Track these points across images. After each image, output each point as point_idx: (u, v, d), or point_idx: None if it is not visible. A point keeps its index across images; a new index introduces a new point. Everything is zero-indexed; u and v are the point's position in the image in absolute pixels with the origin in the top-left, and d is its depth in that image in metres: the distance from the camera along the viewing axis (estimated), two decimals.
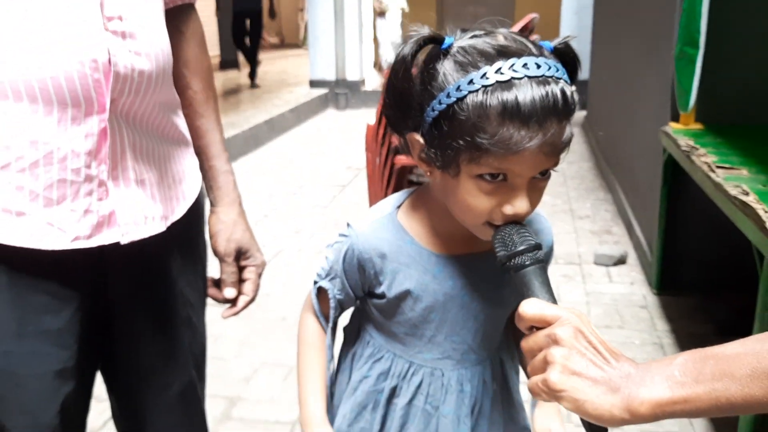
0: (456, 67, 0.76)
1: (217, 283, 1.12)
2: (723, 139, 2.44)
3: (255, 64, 8.49)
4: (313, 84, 8.35)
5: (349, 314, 1.07)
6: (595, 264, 3.28)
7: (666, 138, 2.65)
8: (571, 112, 0.74)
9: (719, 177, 1.96)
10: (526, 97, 0.71)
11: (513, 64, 0.72)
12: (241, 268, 1.12)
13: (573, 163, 5.20)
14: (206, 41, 1.14)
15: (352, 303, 1.01)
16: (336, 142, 6.40)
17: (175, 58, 1.01)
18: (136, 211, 0.93)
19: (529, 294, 0.74)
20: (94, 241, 0.90)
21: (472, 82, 0.73)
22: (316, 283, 0.99)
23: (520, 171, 0.76)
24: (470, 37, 0.78)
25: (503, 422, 1.03)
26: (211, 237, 1.11)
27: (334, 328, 1.01)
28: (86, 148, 0.86)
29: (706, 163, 2.12)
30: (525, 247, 0.76)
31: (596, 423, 0.64)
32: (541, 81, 0.72)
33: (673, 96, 2.70)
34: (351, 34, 8.22)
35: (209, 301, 1.15)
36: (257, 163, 5.53)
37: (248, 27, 8.32)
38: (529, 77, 0.72)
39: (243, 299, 1.12)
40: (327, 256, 0.98)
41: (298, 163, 5.54)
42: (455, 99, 0.74)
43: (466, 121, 0.74)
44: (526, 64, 0.73)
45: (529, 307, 0.69)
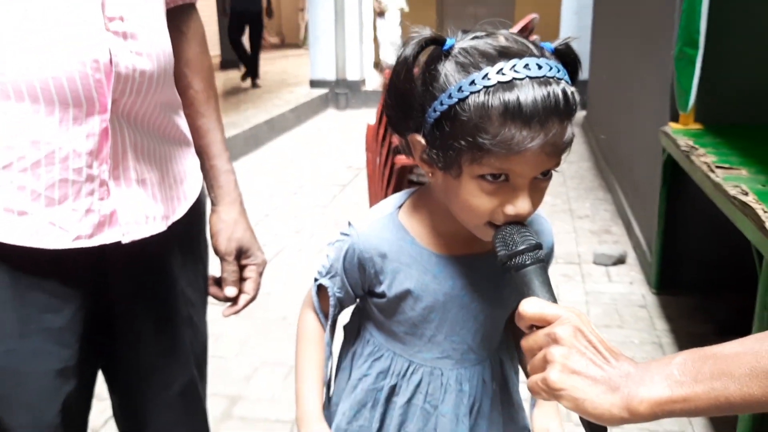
0: (457, 68, 0.76)
1: (218, 282, 1.13)
2: (722, 139, 2.44)
3: (256, 65, 8.49)
4: (314, 84, 8.33)
5: (349, 313, 1.07)
6: (594, 264, 3.28)
7: (665, 138, 2.65)
8: (572, 113, 0.75)
9: (718, 177, 1.96)
10: (528, 97, 0.71)
11: (514, 65, 0.73)
12: (242, 267, 1.12)
13: (572, 163, 5.20)
14: (207, 41, 1.14)
15: (352, 301, 1.01)
16: (336, 142, 6.40)
17: (176, 57, 1.02)
18: (137, 211, 0.93)
19: (530, 293, 0.74)
20: (96, 241, 0.90)
21: (473, 83, 0.73)
22: (316, 280, 0.99)
23: (522, 171, 0.76)
24: (471, 38, 0.78)
25: (502, 422, 1.03)
26: (212, 236, 1.11)
27: (334, 326, 1.02)
28: (88, 148, 0.86)
29: (706, 163, 2.12)
30: (526, 246, 0.76)
31: (596, 422, 0.64)
32: (542, 81, 0.72)
33: (673, 96, 2.70)
34: (351, 34, 8.21)
35: (210, 300, 1.16)
36: (258, 163, 5.53)
37: (247, 28, 8.31)
38: (531, 78, 0.72)
39: (244, 298, 1.12)
40: (328, 254, 0.98)
41: (299, 163, 5.53)
42: (457, 100, 0.74)
43: (467, 122, 0.74)
44: (527, 65, 0.73)
45: (529, 306, 0.70)
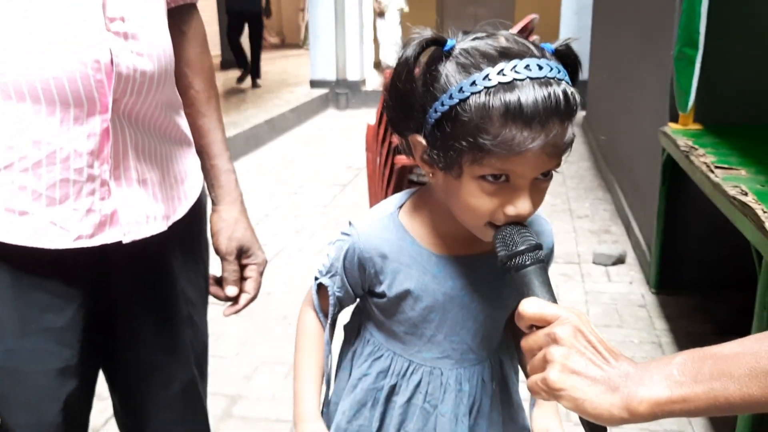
0: (458, 69, 0.76)
1: (219, 282, 1.13)
2: (722, 139, 2.44)
3: (258, 65, 8.48)
4: (314, 84, 8.32)
5: (350, 312, 1.07)
6: (594, 263, 3.28)
7: (665, 138, 2.65)
8: (573, 113, 0.75)
9: (718, 177, 1.96)
10: (529, 98, 0.71)
11: (515, 66, 0.73)
12: (242, 267, 1.12)
13: (572, 163, 5.20)
14: (208, 41, 1.14)
15: (352, 301, 1.02)
16: (336, 142, 6.40)
17: (177, 57, 1.02)
18: (138, 211, 0.93)
19: (530, 293, 0.74)
20: (97, 240, 0.90)
21: (474, 84, 0.73)
22: (316, 279, 1.00)
23: (523, 172, 0.76)
24: (472, 39, 0.78)
25: (502, 422, 1.03)
26: (212, 235, 1.11)
27: (333, 325, 1.02)
28: (89, 148, 0.87)
29: (705, 163, 2.12)
30: (526, 246, 0.76)
31: (595, 422, 0.64)
32: (543, 82, 0.72)
33: (672, 96, 2.70)
34: (351, 34, 8.20)
35: (210, 300, 1.16)
36: (258, 163, 5.53)
37: (247, 28, 8.30)
38: (531, 78, 0.72)
39: (245, 297, 1.12)
40: (328, 254, 0.98)
41: (299, 163, 5.53)
42: (458, 100, 0.74)
43: (468, 123, 0.74)
44: (528, 66, 0.73)
45: (529, 306, 0.70)
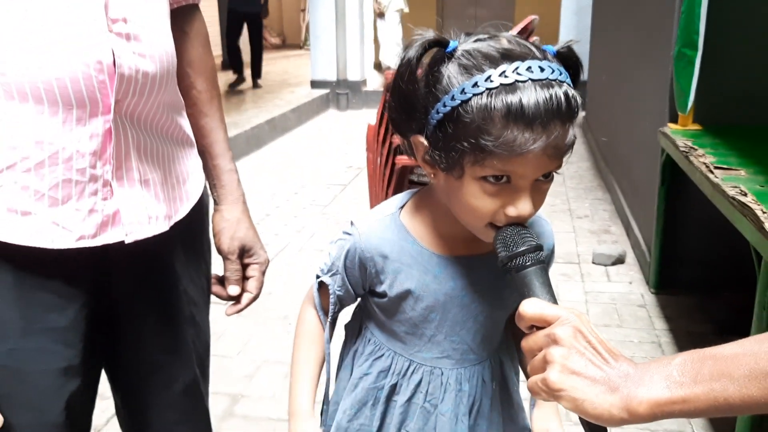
0: (460, 71, 0.76)
1: (221, 281, 1.13)
2: (721, 139, 2.44)
3: (259, 66, 8.47)
4: (315, 84, 8.31)
5: (351, 312, 1.08)
6: (593, 263, 3.29)
7: (664, 139, 2.66)
8: (574, 115, 0.75)
9: (717, 177, 1.96)
10: (530, 99, 0.72)
11: (517, 68, 0.73)
12: (244, 266, 1.13)
13: (572, 163, 5.20)
14: (210, 41, 1.15)
15: (352, 300, 1.02)
16: (337, 142, 6.40)
17: (179, 58, 1.02)
18: (140, 211, 0.93)
19: (530, 294, 0.74)
20: (99, 240, 0.90)
21: (476, 85, 0.74)
22: (318, 277, 1.00)
23: (524, 173, 0.76)
24: (474, 41, 0.78)
25: (502, 422, 1.03)
26: (214, 235, 1.11)
27: (333, 324, 1.02)
28: (91, 149, 0.87)
29: (705, 163, 2.12)
30: (526, 247, 0.76)
31: (595, 422, 0.64)
32: (544, 84, 0.73)
33: (672, 97, 2.71)
34: (352, 35, 8.19)
35: (211, 299, 1.16)
36: (259, 163, 5.53)
37: (246, 29, 8.29)
38: (533, 80, 0.73)
39: (247, 296, 1.12)
40: (330, 252, 0.99)
41: (300, 163, 5.53)
42: (460, 102, 0.75)
43: (470, 124, 0.74)
44: (530, 68, 0.73)
45: (529, 307, 0.70)
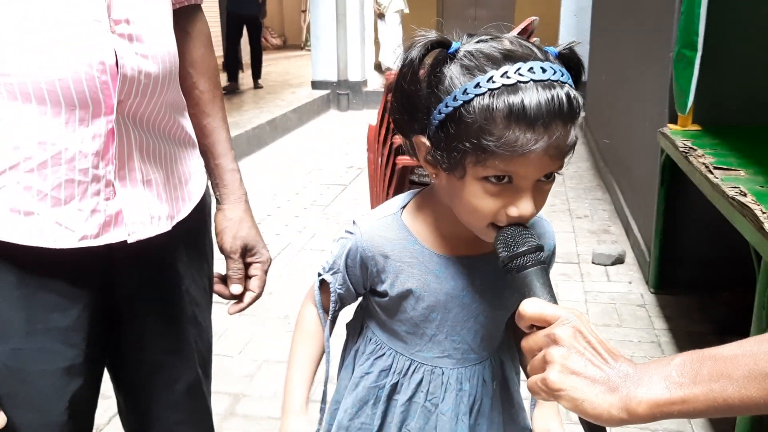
0: (463, 71, 0.76)
1: (224, 280, 1.13)
2: (720, 140, 2.44)
3: (259, 67, 8.47)
4: (315, 85, 8.31)
5: (352, 311, 1.08)
6: (593, 263, 3.29)
7: (664, 139, 2.66)
8: (576, 116, 0.75)
9: (717, 178, 1.96)
10: (532, 100, 0.72)
11: (519, 68, 0.73)
12: (247, 265, 1.13)
13: (571, 164, 5.14)
14: (212, 41, 1.15)
15: (353, 299, 1.02)
16: (338, 142, 6.40)
17: (181, 58, 1.02)
18: (143, 211, 0.94)
19: (530, 294, 0.74)
20: (101, 240, 0.90)
21: (478, 86, 0.74)
22: (319, 275, 1.00)
23: (526, 173, 0.76)
24: (476, 42, 0.79)
25: (503, 422, 1.04)
26: (217, 234, 1.12)
27: (333, 322, 1.02)
28: (94, 149, 0.87)
29: (704, 164, 2.12)
30: (527, 248, 0.76)
31: (594, 422, 0.64)
32: (546, 85, 0.73)
33: (671, 97, 2.71)
34: (353, 36, 8.19)
35: (213, 299, 1.17)
36: (260, 163, 5.53)
37: (246, 31, 8.28)
38: (535, 81, 0.73)
39: (249, 295, 1.13)
40: (332, 251, 0.99)
41: (301, 163, 5.54)
42: (462, 102, 0.75)
43: (472, 124, 0.75)
44: (532, 68, 0.73)
45: (530, 306, 0.70)
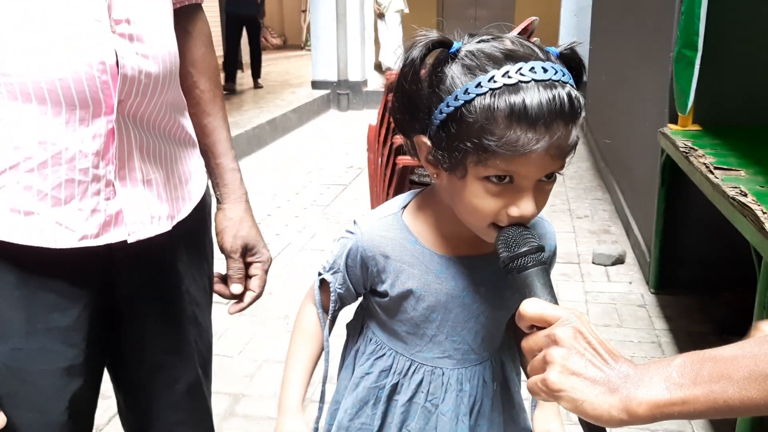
0: (464, 71, 0.76)
1: (224, 279, 1.13)
2: (721, 140, 2.45)
3: (258, 67, 8.47)
4: (315, 85, 8.31)
5: (352, 311, 1.08)
6: (593, 263, 3.29)
7: (664, 139, 2.66)
8: (577, 116, 0.75)
9: (717, 178, 1.96)
10: (534, 100, 0.72)
11: (520, 68, 0.73)
12: (247, 264, 1.13)
13: (572, 163, 5.14)
14: (212, 41, 1.15)
15: (353, 299, 1.02)
16: (338, 142, 6.41)
17: (181, 57, 1.02)
18: (143, 211, 0.94)
19: (531, 295, 0.74)
20: (102, 240, 0.90)
21: (480, 85, 0.74)
22: (320, 274, 1.00)
23: (527, 173, 0.76)
24: (477, 42, 0.79)
25: (503, 422, 1.04)
26: (217, 234, 1.12)
27: (333, 322, 1.02)
28: (94, 149, 0.87)
29: (705, 164, 2.12)
30: (528, 248, 0.76)
31: (594, 423, 0.64)
32: (548, 85, 0.73)
33: (672, 98, 2.71)
34: (353, 35, 8.19)
35: (214, 298, 1.17)
36: (260, 163, 5.54)
37: (246, 32, 8.29)
38: (536, 81, 0.73)
39: (249, 295, 1.13)
40: (332, 250, 0.99)
41: (301, 163, 5.54)
42: (463, 102, 0.75)
43: (473, 124, 0.75)
44: (533, 68, 0.73)
45: (530, 307, 0.70)
